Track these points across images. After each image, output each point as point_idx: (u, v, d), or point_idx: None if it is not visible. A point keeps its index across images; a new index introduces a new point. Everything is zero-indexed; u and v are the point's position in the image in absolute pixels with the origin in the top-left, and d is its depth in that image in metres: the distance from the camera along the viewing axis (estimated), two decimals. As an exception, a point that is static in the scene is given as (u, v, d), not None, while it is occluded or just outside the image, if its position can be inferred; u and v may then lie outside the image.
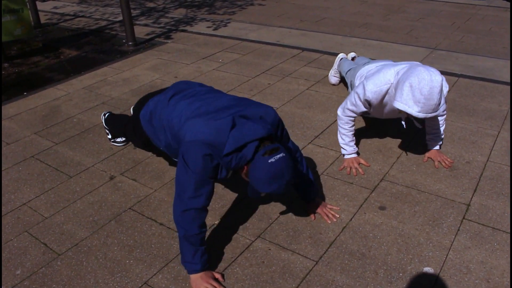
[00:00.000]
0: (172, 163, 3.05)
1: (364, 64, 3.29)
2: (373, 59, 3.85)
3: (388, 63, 2.91)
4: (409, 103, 2.39)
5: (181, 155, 2.01)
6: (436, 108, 2.39)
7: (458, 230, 2.40)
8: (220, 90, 2.49)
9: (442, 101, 2.50)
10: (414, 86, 2.36)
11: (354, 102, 2.78)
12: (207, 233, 2.42)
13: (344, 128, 2.91)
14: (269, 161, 1.85)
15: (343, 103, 2.89)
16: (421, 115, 2.39)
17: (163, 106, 2.35)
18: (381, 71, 2.69)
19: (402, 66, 2.61)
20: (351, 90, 3.37)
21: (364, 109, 2.78)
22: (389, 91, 2.63)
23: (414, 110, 2.39)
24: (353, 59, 4.09)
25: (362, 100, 2.73)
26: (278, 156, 1.87)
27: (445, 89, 2.62)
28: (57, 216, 2.62)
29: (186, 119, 2.12)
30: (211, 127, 2.00)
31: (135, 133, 2.71)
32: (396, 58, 4.94)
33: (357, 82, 3.14)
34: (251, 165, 1.91)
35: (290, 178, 1.91)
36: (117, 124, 3.14)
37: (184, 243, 2.03)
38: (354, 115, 2.85)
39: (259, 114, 2.10)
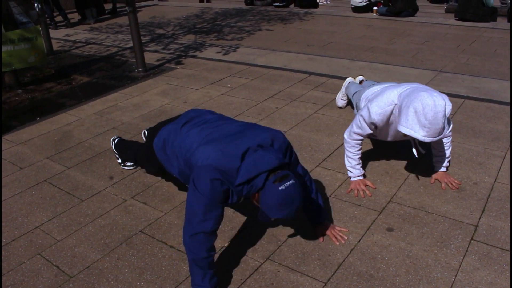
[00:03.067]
0: (182, 187, 3.10)
1: (369, 86, 3.35)
2: (379, 82, 3.90)
3: (391, 84, 2.96)
4: (415, 128, 2.43)
5: (192, 180, 2.06)
6: (441, 132, 2.43)
7: (467, 251, 2.41)
8: (229, 116, 2.55)
9: (447, 123, 2.54)
10: (418, 112, 2.40)
11: (360, 125, 2.83)
12: (217, 255, 2.45)
13: (350, 152, 2.95)
14: (279, 188, 1.91)
15: (349, 127, 2.93)
16: (427, 139, 2.43)
17: (175, 134, 2.42)
18: (384, 92, 2.74)
19: (404, 88, 2.66)
20: (357, 112, 3.42)
21: (370, 131, 2.83)
22: (394, 111, 2.68)
23: (420, 134, 2.43)
24: (361, 82, 4.14)
25: (368, 122, 2.78)
26: (288, 183, 1.92)
27: (448, 108, 2.64)
28: (69, 239, 2.66)
29: (197, 146, 2.18)
30: (221, 153, 2.05)
31: (148, 161, 2.77)
32: (402, 81, 4.99)
33: (362, 104, 3.19)
34: (262, 192, 1.96)
35: (300, 204, 1.97)
36: (128, 151, 3.20)
37: (193, 266, 2.06)
38: (361, 138, 2.89)
39: (269, 138, 2.15)
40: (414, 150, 2.80)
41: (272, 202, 1.92)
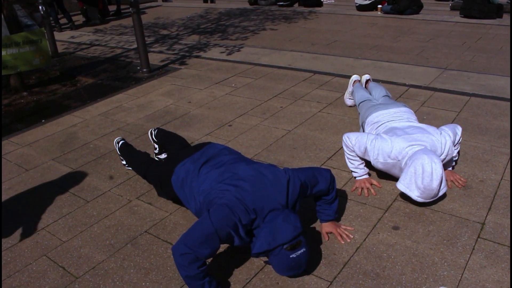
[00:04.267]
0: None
1: (376, 106, 3.30)
2: (385, 95, 3.86)
3: (399, 126, 2.95)
4: (410, 187, 2.59)
5: (208, 210, 2.12)
6: (435, 196, 2.59)
7: (473, 249, 2.39)
8: (245, 157, 2.60)
9: (455, 152, 2.88)
10: (417, 174, 2.53)
11: (363, 152, 2.86)
12: (222, 254, 2.45)
13: (350, 154, 2.95)
14: (290, 256, 2.03)
15: (353, 137, 2.89)
16: (419, 199, 2.60)
17: (193, 175, 2.47)
18: (393, 143, 2.75)
19: (412, 147, 2.68)
20: (361, 126, 3.40)
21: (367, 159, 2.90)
22: (395, 165, 2.76)
23: (414, 194, 2.59)
24: (367, 82, 4.10)
25: (371, 159, 2.83)
26: (299, 252, 2.05)
27: (458, 136, 2.89)
28: (75, 240, 2.67)
29: (217, 189, 2.25)
30: (240, 200, 2.12)
31: (162, 189, 2.79)
32: (408, 79, 4.97)
33: (367, 128, 3.19)
34: (273, 253, 2.05)
35: (306, 268, 2.19)
36: (135, 164, 3.17)
37: (188, 281, 2.07)
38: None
39: (285, 186, 2.22)
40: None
41: (280, 265, 2.06)
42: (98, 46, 7.74)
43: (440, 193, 2.58)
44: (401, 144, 2.71)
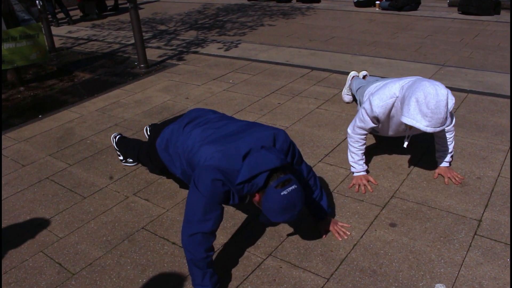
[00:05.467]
0: (183, 184, 3.09)
1: (373, 82, 3.33)
2: (383, 77, 3.88)
3: (394, 79, 2.95)
4: (416, 118, 2.42)
5: (193, 180, 2.05)
6: (443, 122, 2.42)
7: (470, 246, 2.39)
8: (232, 115, 2.55)
9: (449, 114, 2.53)
10: (420, 101, 2.39)
11: (363, 118, 2.82)
12: (219, 251, 2.45)
13: (354, 147, 2.93)
14: (281, 193, 1.92)
15: (353, 121, 2.92)
16: (429, 129, 2.41)
17: (178, 134, 2.42)
18: (386, 86, 2.73)
19: (406, 81, 2.65)
20: (360, 107, 3.40)
21: (373, 125, 2.81)
22: (395, 104, 2.67)
23: (422, 124, 2.41)
24: (364, 77, 4.12)
25: (370, 115, 2.76)
26: (290, 188, 1.93)
27: (451, 101, 2.63)
28: (72, 236, 2.66)
29: (199, 146, 2.18)
30: (223, 153, 2.05)
31: (151, 161, 2.77)
32: (405, 75, 4.96)
33: (364, 99, 3.18)
34: (264, 196, 1.96)
35: (301, 208, 1.98)
36: (129, 148, 3.19)
37: (192, 267, 2.06)
38: (364, 132, 2.87)
39: (271, 138, 2.13)
40: (406, 142, 2.86)
41: (273, 206, 1.94)
42: (96, 41, 7.71)
43: (448, 124, 2.43)
44: (395, 82, 2.67)
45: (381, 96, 2.70)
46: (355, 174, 3.00)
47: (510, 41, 6.28)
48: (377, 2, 9.12)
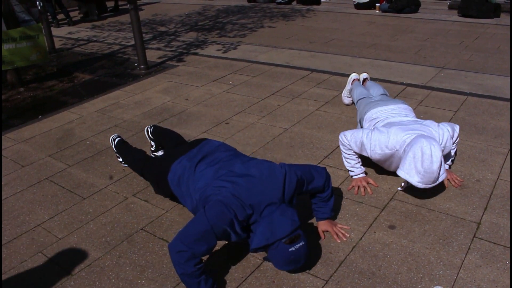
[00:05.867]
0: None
1: (375, 103, 3.30)
2: (384, 93, 3.87)
3: (397, 120, 2.95)
4: (410, 173, 2.55)
5: (204, 207, 2.12)
6: (435, 180, 2.54)
7: (469, 248, 2.39)
8: (241, 152, 2.60)
9: (452, 151, 2.89)
10: (416, 158, 2.50)
11: (359, 147, 2.85)
12: (219, 252, 2.45)
13: (347, 153, 2.95)
14: (289, 249, 2.03)
15: (348, 133, 2.90)
16: (420, 185, 2.55)
17: (190, 173, 2.46)
18: (390, 133, 2.74)
19: (410, 135, 2.67)
20: (359, 123, 3.40)
21: (365, 156, 2.87)
22: (394, 154, 2.73)
23: (414, 180, 2.54)
24: (364, 81, 4.11)
25: (368, 152, 2.80)
26: (298, 245, 2.05)
27: (456, 133, 2.87)
28: (71, 237, 2.66)
29: (212, 186, 2.25)
30: (237, 198, 2.11)
31: (159, 187, 2.78)
32: (405, 78, 4.97)
33: (365, 125, 3.18)
34: (272, 247, 2.06)
35: (305, 262, 2.16)
36: (134, 162, 3.15)
37: (184, 279, 2.07)
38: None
39: (281, 181, 2.21)
40: (400, 188, 2.94)
41: (279, 259, 2.06)
42: (96, 42, 7.72)
43: (440, 179, 2.54)
44: (399, 134, 2.70)
45: (381, 145, 2.74)
46: (354, 177, 3.00)
47: (510, 44, 6.29)
48: (377, 4, 9.14)
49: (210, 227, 2.02)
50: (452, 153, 3.00)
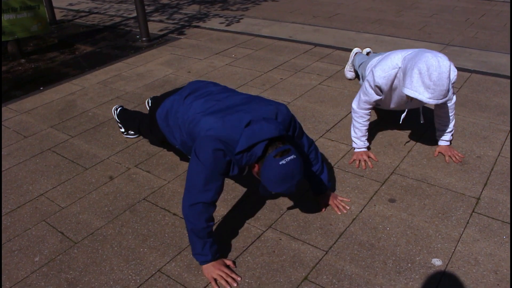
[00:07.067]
0: (184, 157, 3.11)
1: (375, 56, 3.32)
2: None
3: (397, 50, 2.92)
4: (419, 90, 2.39)
5: (194, 150, 2.06)
6: (446, 94, 2.38)
7: (467, 223, 2.42)
8: (233, 88, 2.54)
9: (451, 88, 2.53)
10: (423, 73, 2.36)
11: (366, 91, 2.81)
12: (220, 222, 2.48)
13: (358, 122, 2.93)
14: (280, 163, 1.91)
15: (357, 97, 2.91)
16: (431, 101, 2.38)
17: (178, 104, 2.41)
18: (388, 57, 2.71)
19: (409, 52, 2.63)
20: (362, 81, 3.40)
21: (377, 97, 2.79)
22: (398, 75, 2.64)
23: (424, 96, 2.38)
24: (367, 54, 4.10)
25: (373, 87, 2.75)
26: (289, 158, 1.92)
27: (453, 73, 2.62)
28: (74, 206, 2.69)
29: (200, 117, 2.17)
30: (223, 124, 2.05)
31: (152, 132, 2.77)
32: (409, 53, 4.94)
33: (367, 73, 3.16)
34: (262, 166, 1.96)
35: (300, 179, 1.97)
36: (131, 120, 3.20)
37: (192, 236, 2.08)
38: (369, 106, 2.86)
39: (273, 111, 2.14)
40: (403, 116, 2.88)
41: (272, 176, 1.93)
42: (97, 14, 7.64)
43: (450, 93, 2.41)
44: (398, 53, 2.66)
45: (383, 67, 2.68)
46: (356, 150, 3.01)
47: (510, 21, 6.22)
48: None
49: (209, 170, 1.99)
50: (450, 115, 2.95)
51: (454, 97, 2.87)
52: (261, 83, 4.30)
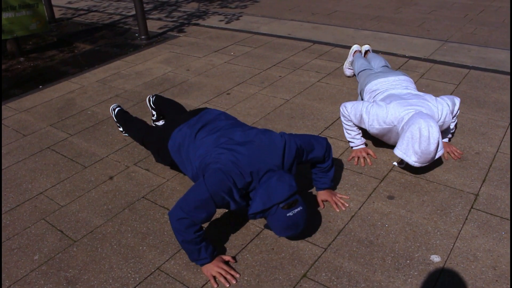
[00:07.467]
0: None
1: (375, 74, 3.28)
2: (385, 65, 3.84)
3: (397, 93, 2.92)
4: (408, 153, 2.56)
5: (203, 175, 2.14)
6: (431, 160, 2.56)
7: (466, 219, 2.42)
8: (242, 122, 2.59)
9: (452, 118, 2.89)
10: (414, 138, 2.50)
11: (358, 120, 2.85)
12: (219, 221, 2.48)
13: (347, 124, 2.96)
14: (287, 214, 2.04)
15: (349, 105, 2.90)
16: (417, 164, 2.58)
17: (190, 140, 2.47)
18: (388, 108, 2.72)
19: (408, 112, 2.66)
20: (359, 95, 3.39)
21: (362, 127, 2.89)
22: (391, 129, 2.74)
23: (411, 159, 2.57)
24: (366, 53, 4.08)
25: (366, 126, 2.81)
26: (296, 210, 2.05)
27: (457, 106, 2.86)
28: (73, 204, 2.69)
29: (212, 153, 2.26)
30: (236, 164, 2.12)
31: (160, 155, 2.79)
32: (408, 51, 4.94)
33: (365, 97, 3.17)
34: (269, 214, 2.07)
35: (304, 228, 2.19)
36: (133, 128, 3.16)
37: (185, 246, 2.09)
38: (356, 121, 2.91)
39: (281, 148, 2.22)
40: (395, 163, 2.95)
41: (278, 225, 2.06)
42: (96, 12, 7.63)
43: (437, 156, 2.57)
44: (397, 109, 2.70)
45: (379, 120, 2.73)
46: (354, 148, 3.01)
47: (510, 17, 6.22)
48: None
49: (209, 195, 2.03)
50: (452, 126, 3.01)
51: (458, 103, 2.89)
52: (260, 80, 4.30)
